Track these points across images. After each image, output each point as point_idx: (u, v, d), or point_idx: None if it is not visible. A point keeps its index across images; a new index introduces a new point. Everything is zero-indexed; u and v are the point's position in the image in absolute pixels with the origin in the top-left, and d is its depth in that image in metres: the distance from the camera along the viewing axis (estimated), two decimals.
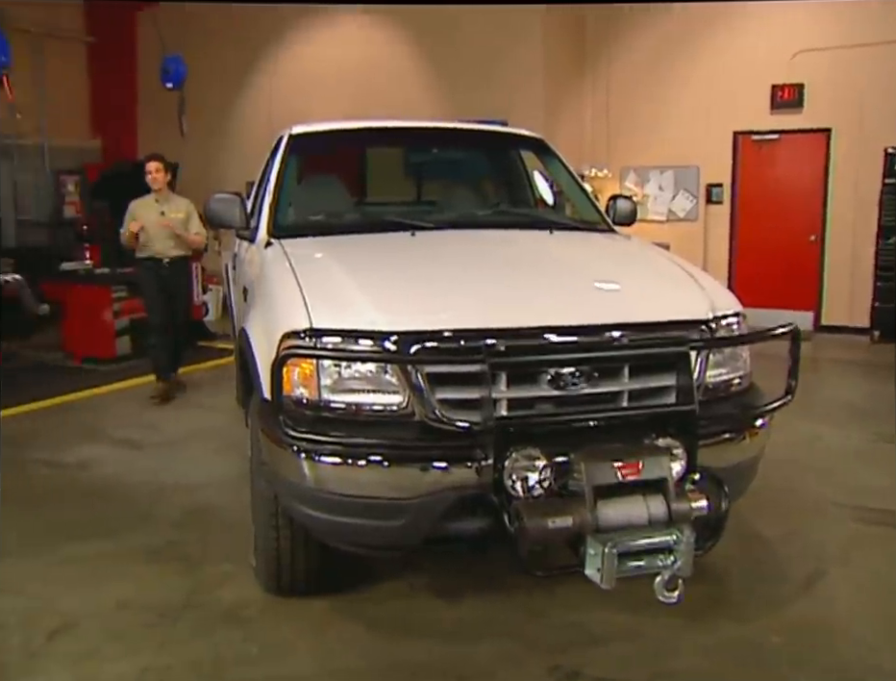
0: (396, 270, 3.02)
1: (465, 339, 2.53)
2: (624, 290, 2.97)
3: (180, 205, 6.20)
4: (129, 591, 3.28)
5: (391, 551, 2.88)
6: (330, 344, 2.59)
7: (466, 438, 2.50)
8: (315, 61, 10.38)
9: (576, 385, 2.61)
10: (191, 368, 7.17)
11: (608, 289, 2.96)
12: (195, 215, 6.16)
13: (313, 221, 3.70)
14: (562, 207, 4.64)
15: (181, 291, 6.37)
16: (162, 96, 10.77)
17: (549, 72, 9.37)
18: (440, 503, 2.51)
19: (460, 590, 3.30)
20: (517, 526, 2.29)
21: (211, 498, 4.30)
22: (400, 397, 2.55)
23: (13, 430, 5.61)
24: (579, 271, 3.11)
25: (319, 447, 2.54)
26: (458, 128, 4.38)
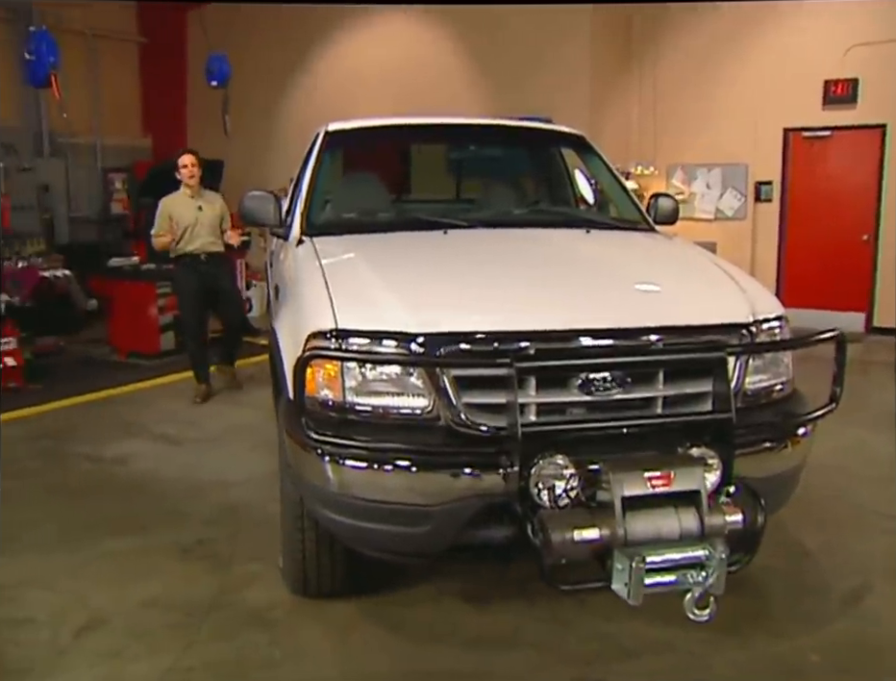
0: (425, 270, 2.96)
1: (493, 341, 2.46)
2: (660, 291, 2.87)
3: (214, 202, 6.09)
4: (157, 589, 3.29)
5: (416, 558, 2.83)
6: (355, 345, 2.54)
7: (493, 443, 2.43)
8: (360, 59, 10.39)
9: (607, 390, 2.52)
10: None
11: (643, 290, 2.86)
12: (227, 213, 6.08)
13: (346, 219, 3.66)
14: (603, 205, 4.53)
15: (225, 287, 6.18)
16: (210, 95, 10.94)
17: (595, 70, 9.23)
18: (466, 510, 2.44)
19: (489, 596, 3.23)
20: (541, 538, 2.21)
21: (243, 496, 4.30)
22: (426, 401, 2.50)
23: (58, 424, 5.72)
24: (613, 272, 3.01)
25: (343, 451, 2.49)
26: (495, 124, 4.30)
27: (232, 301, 6.31)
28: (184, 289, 6.12)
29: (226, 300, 6.19)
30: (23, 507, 4.17)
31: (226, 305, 6.21)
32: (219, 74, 8.58)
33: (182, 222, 5.87)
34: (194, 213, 5.90)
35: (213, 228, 5.99)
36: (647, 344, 2.57)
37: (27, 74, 7.16)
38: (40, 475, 4.68)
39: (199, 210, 5.91)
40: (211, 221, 5.96)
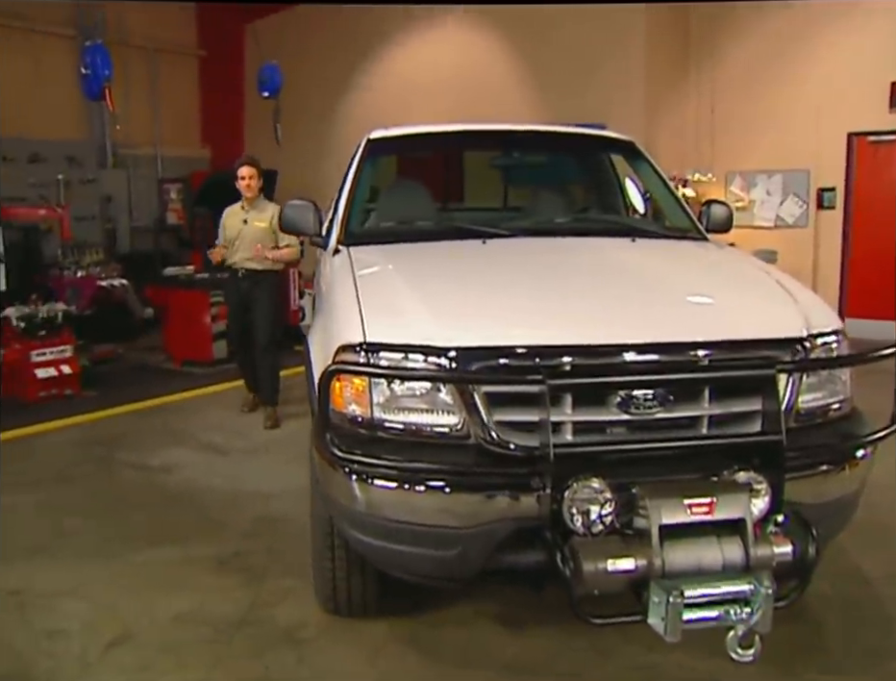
0: (460, 281, 2.86)
1: (526, 356, 2.35)
2: (706, 304, 2.71)
3: (266, 214, 5.57)
4: (189, 602, 3.26)
5: (446, 582, 2.72)
6: (384, 360, 2.46)
7: (525, 464, 2.32)
8: (412, 67, 10.38)
9: (648, 409, 2.38)
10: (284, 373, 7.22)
11: (688, 302, 2.71)
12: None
13: (383, 228, 3.60)
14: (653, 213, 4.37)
15: (259, 308, 5.58)
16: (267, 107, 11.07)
17: (650, 74, 9.03)
18: (497, 534, 2.34)
19: (524, 620, 3.11)
20: (571, 567, 2.08)
21: (283, 508, 4.26)
22: (455, 418, 2.40)
23: (109, 431, 5.79)
24: (657, 283, 2.87)
25: (370, 469, 2.41)
26: (541, 131, 4.20)
27: (262, 331, 5.61)
28: (227, 300, 6.07)
29: (257, 327, 5.62)
30: (67, 513, 4.22)
31: (256, 335, 5.64)
32: (271, 84, 8.65)
33: (227, 234, 5.67)
34: (238, 225, 5.59)
35: (259, 242, 5.49)
36: (691, 360, 2.42)
37: (83, 88, 7.33)
38: (87, 482, 4.72)
39: (244, 223, 5.55)
40: (254, 235, 5.51)
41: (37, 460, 5.18)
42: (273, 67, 8.70)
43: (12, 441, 5.57)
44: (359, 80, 10.81)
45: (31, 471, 4.91)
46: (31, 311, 6.49)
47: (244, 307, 5.67)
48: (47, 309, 6.58)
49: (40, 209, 7.59)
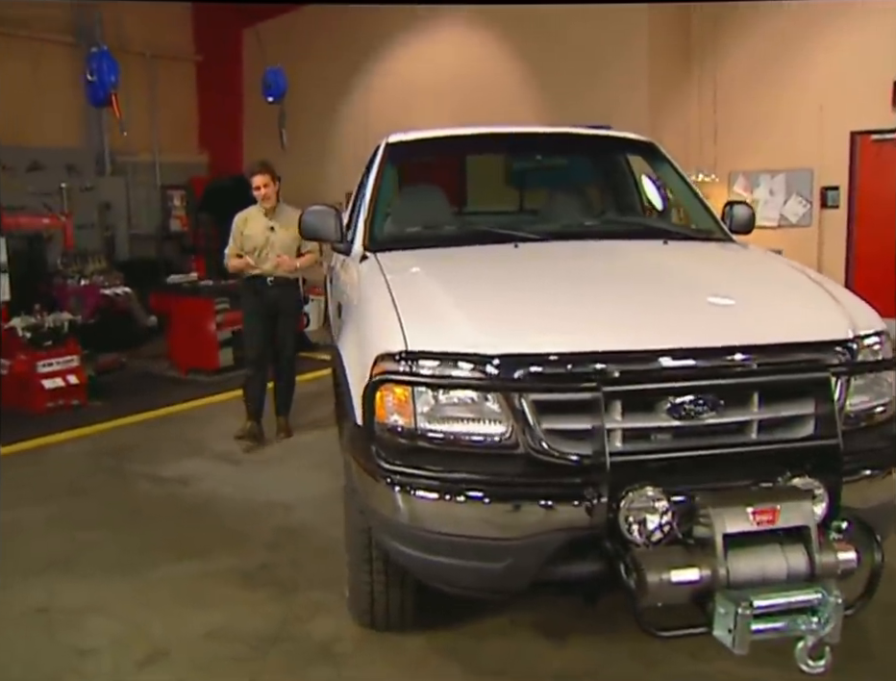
0: (498, 286, 2.81)
1: (577, 363, 2.29)
2: (753, 307, 2.66)
3: (291, 220, 4.95)
4: (220, 618, 3.19)
5: (493, 595, 2.66)
6: (426, 368, 2.40)
7: (577, 473, 2.26)
8: (415, 71, 10.33)
9: (699, 414, 2.33)
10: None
11: (735, 306, 2.66)
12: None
13: (410, 233, 3.53)
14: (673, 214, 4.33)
15: (286, 318, 5.49)
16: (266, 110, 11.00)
17: (653, 75, 9.00)
18: (548, 545, 2.28)
19: (566, 629, 3.05)
20: (636, 579, 2.03)
21: (304, 518, 4.20)
22: (503, 427, 2.34)
23: (120, 441, 5.71)
24: (701, 287, 2.81)
25: (416, 481, 2.35)
26: (560, 133, 4.15)
27: (287, 340, 5.54)
28: (246, 315, 5.57)
29: (282, 336, 5.51)
30: (84, 526, 4.14)
31: (281, 342, 5.53)
32: (276, 89, 8.58)
33: (251, 242, 5.31)
34: (265, 233, 5.28)
35: (286, 251, 5.28)
36: (742, 364, 2.37)
37: (88, 94, 7.24)
38: (101, 494, 4.65)
39: (272, 231, 5.27)
40: (283, 244, 5.26)
41: (48, 472, 5.10)
42: (277, 71, 8.63)
43: (22, 453, 5.49)
44: (360, 82, 10.76)
45: (42, 484, 4.84)
46: (37, 321, 6.41)
47: (270, 317, 5.40)
48: (53, 319, 6.50)
49: (44, 217, 7.49)
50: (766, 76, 9.04)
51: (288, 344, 5.53)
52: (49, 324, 6.44)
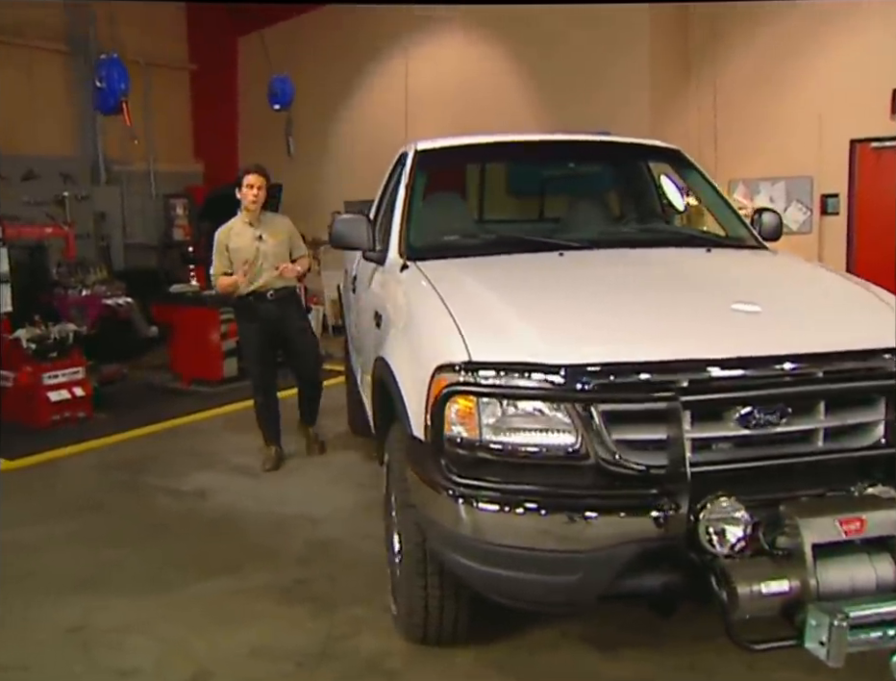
0: (554, 295, 2.77)
1: (652, 372, 2.26)
2: (813, 315, 2.64)
3: (278, 227, 5.03)
4: (262, 635, 3.11)
5: (560, 608, 2.62)
6: (491, 379, 2.35)
7: (652, 483, 2.23)
8: (414, 79, 10.29)
9: (769, 423, 2.30)
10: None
11: (797, 313, 2.63)
12: (297, 236, 5.14)
13: (448, 242, 3.49)
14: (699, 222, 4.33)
15: (296, 331, 5.12)
16: (263, 119, 10.93)
17: (654, 82, 9.04)
18: (620, 557, 2.23)
19: (617, 641, 3.00)
20: (727, 590, 1.99)
21: (332, 532, 4.13)
22: (572, 438, 2.30)
23: (130, 455, 5.61)
24: (759, 295, 2.78)
25: (482, 493, 2.30)
26: (590, 141, 4.13)
27: (306, 349, 5.20)
28: (246, 335, 5.21)
29: (300, 348, 5.15)
30: (107, 544, 4.04)
31: (300, 354, 5.17)
32: (282, 96, 8.52)
33: (240, 256, 4.87)
34: (253, 244, 4.87)
35: (280, 259, 4.95)
36: (814, 372, 2.34)
37: (97, 102, 7.15)
38: (119, 509, 4.55)
39: (260, 240, 4.88)
40: (276, 251, 4.93)
41: (62, 487, 4.99)
42: (284, 79, 8.58)
43: (31, 468, 5.38)
44: (358, 91, 10.72)
45: (57, 499, 4.73)
46: (42, 332, 6.29)
47: (276, 334, 5.04)
48: (59, 329, 6.38)
49: (47, 227, 7.37)
50: (766, 84, 9.09)
51: (308, 351, 5.22)
52: (55, 335, 6.32)
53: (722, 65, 9.37)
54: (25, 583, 3.58)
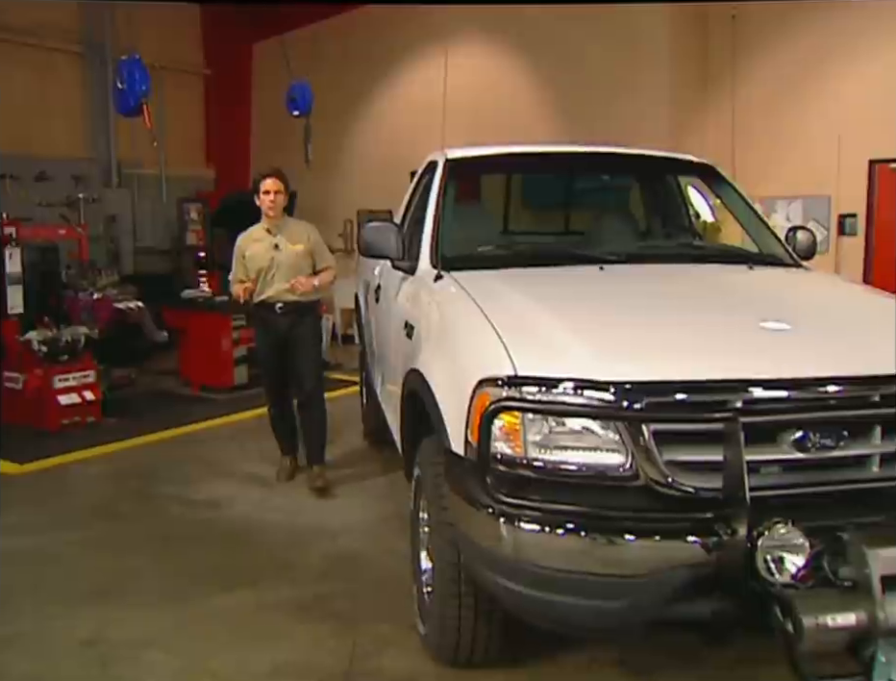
0: (599, 309, 2.69)
1: (707, 391, 2.18)
2: (866, 336, 2.55)
3: (299, 235, 4.70)
4: (284, 652, 3.02)
5: (604, 634, 2.53)
6: (535, 394, 2.27)
7: (704, 507, 2.14)
8: (429, 90, 10.23)
9: (826, 447, 2.22)
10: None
11: (849, 334, 2.56)
12: (321, 244, 4.81)
13: (483, 253, 3.41)
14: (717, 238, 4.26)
15: (302, 349, 4.73)
16: (276, 125, 10.88)
17: (675, 99, 9.00)
18: (670, 582, 2.14)
19: (649, 665, 2.92)
20: (793, 622, 1.90)
21: (351, 545, 4.04)
22: (621, 457, 2.21)
23: (142, 462, 5.52)
24: (807, 314, 2.71)
25: (527, 513, 2.22)
26: (624, 153, 4.04)
27: (306, 371, 4.77)
28: (259, 344, 4.94)
29: (300, 367, 4.75)
30: (121, 554, 3.95)
31: (298, 372, 4.78)
32: (302, 102, 8.45)
33: (254, 264, 4.63)
34: (269, 252, 4.61)
35: (296, 271, 4.62)
36: (872, 395, 2.26)
37: (117, 103, 7.07)
38: (133, 519, 4.45)
39: (276, 249, 4.60)
40: (292, 262, 4.61)
41: (73, 494, 4.89)
42: (304, 85, 8.51)
43: (41, 473, 5.29)
44: (373, 100, 10.66)
45: (69, 506, 4.64)
46: (54, 334, 6.20)
47: (285, 349, 4.74)
48: (70, 332, 6.30)
49: (60, 228, 7.30)
50: (785, 101, 9.05)
51: (309, 380, 4.76)
52: (66, 338, 6.24)
53: (741, 82, 9.32)
54: (39, 592, 3.49)
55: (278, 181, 4.64)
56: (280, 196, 4.63)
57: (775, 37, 9.07)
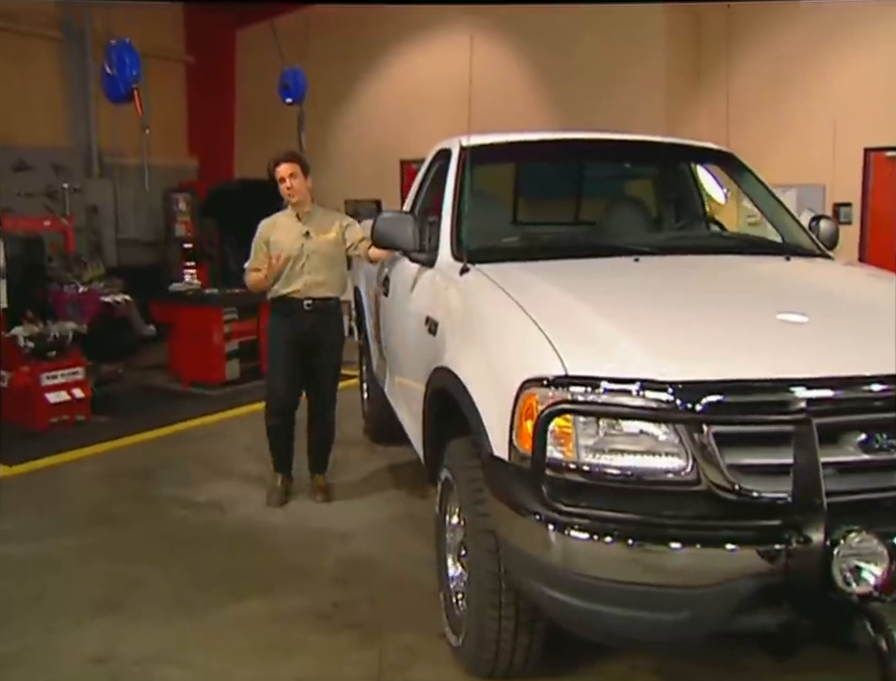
0: (644, 303, 2.56)
1: (772, 391, 2.06)
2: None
3: (330, 224, 4.31)
4: (307, 666, 2.88)
5: (660, 647, 2.41)
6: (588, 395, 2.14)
7: (772, 513, 2.03)
8: (419, 78, 10.08)
9: (891, 447, 2.11)
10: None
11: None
12: (354, 226, 4.37)
13: (509, 244, 3.27)
14: None
15: (330, 352, 4.36)
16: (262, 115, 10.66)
17: (670, 88, 8.91)
18: (736, 593, 2.03)
19: (691, 674, 2.81)
20: (887, 638, 1.79)
21: (365, 549, 3.90)
22: (681, 461, 2.09)
23: (136, 462, 5.32)
24: (858, 308, 2.60)
25: (581, 522, 2.09)
26: (645, 141, 3.92)
27: (327, 372, 4.42)
28: (273, 343, 4.41)
29: (322, 370, 4.38)
30: (125, 561, 3.77)
31: (319, 377, 4.40)
32: (295, 90, 8.24)
33: (280, 251, 4.21)
34: (298, 240, 4.20)
35: (328, 263, 4.26)
36: None
37: (107, 89, 6.80)
38: (133, 523, 4.27)
39: (306, 237, 4.22)
40: (324, 253, 4.24)
41: (67, 496, 4.69)
42: (297, 72, 8.29)
43: (32, 474, 5.08)
44: (362, 88, 10.46)
45: (64, 510, 4.44)
46: (41, 330, 5.97)
47: (306, 351, 4.31)
48: (58, 328, 6.07)
49: (45, 219, 7.04)
50: (779, 90, 8.99)
51: (328, 387, 4.43)
52: (54, 333, 6.01)
53: (735, 71, 9.25)
54: (41, 604, 3.31)
55: (293, 164, 4.21)
56: (296, 181, 4.19)
57: (769, 26, 9.00)
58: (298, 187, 4.21)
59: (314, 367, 4.38)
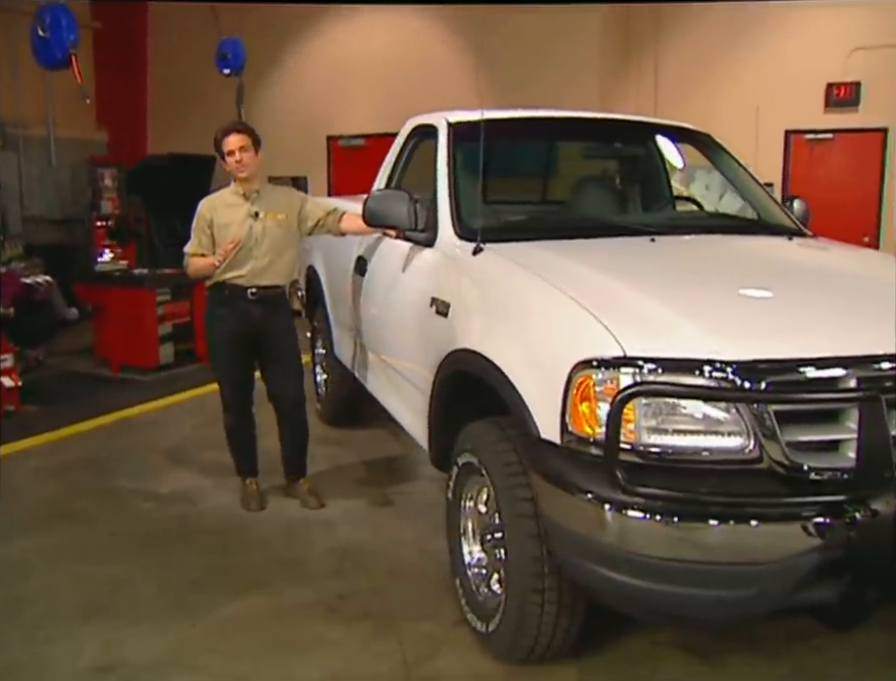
0: (677, 283, 2.56)
1: (835, 367, 2.10)
2: None
3: (280, 203, 3.90)
4: (329, 662, 2.78)
5: (719, 625, 2.43)
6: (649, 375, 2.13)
7: (833, 488, 2.07)
8: (349, 51, 9.83)
9: None
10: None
11: None
12: (312, 202, 4.04)
13: (515, 223, 3.22)
14: None
15: (283, 346, 3.96)
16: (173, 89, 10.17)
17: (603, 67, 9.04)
18: (800, 568, 2.06)
19: (714, 649, 2.85)
20: None
21: (350, 536, 3.80)
22: (743, 440, 2.11)
23: (82, 454, 4.99)
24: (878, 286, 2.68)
25: (648, 503, 2.08)
26: (630, 120, 3.98)
27: (291, 373, 4.00)
28: (216, 338, 3.97)
29: (280, 367, 3.98)
30: (101, 561, 3.54)
31: (280, 378, 3.99)
32: (234, 60, 7.84)
33: (228, 234, 3.78)
34: (246, 221, 3.80)
35: (278, 247, 3.86)
36: None
37: (40, 55, 6.27)
38: (97, 519, 4.01)
39: (255, 218, 3.81)
40: (274, 236, 3.84)
41: (17, 494, 4.34)
42: (236, 42, 7.89)
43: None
44: (287, 60, 10.11)
45: (18, 509, 4.10)
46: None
47: (256, 344, 3.94)
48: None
49: None
50: (704, 74, 9.26)
51: (294, 385, 4.02)
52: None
53: (663, 55, 9.45)
54: (25, 613, 3.06)
55: (244, 136, 3.79)
56: (247, 154, 3.77)
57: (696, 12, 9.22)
58: (248, 161, 3.78)
59: (269, 364, 4.02)
